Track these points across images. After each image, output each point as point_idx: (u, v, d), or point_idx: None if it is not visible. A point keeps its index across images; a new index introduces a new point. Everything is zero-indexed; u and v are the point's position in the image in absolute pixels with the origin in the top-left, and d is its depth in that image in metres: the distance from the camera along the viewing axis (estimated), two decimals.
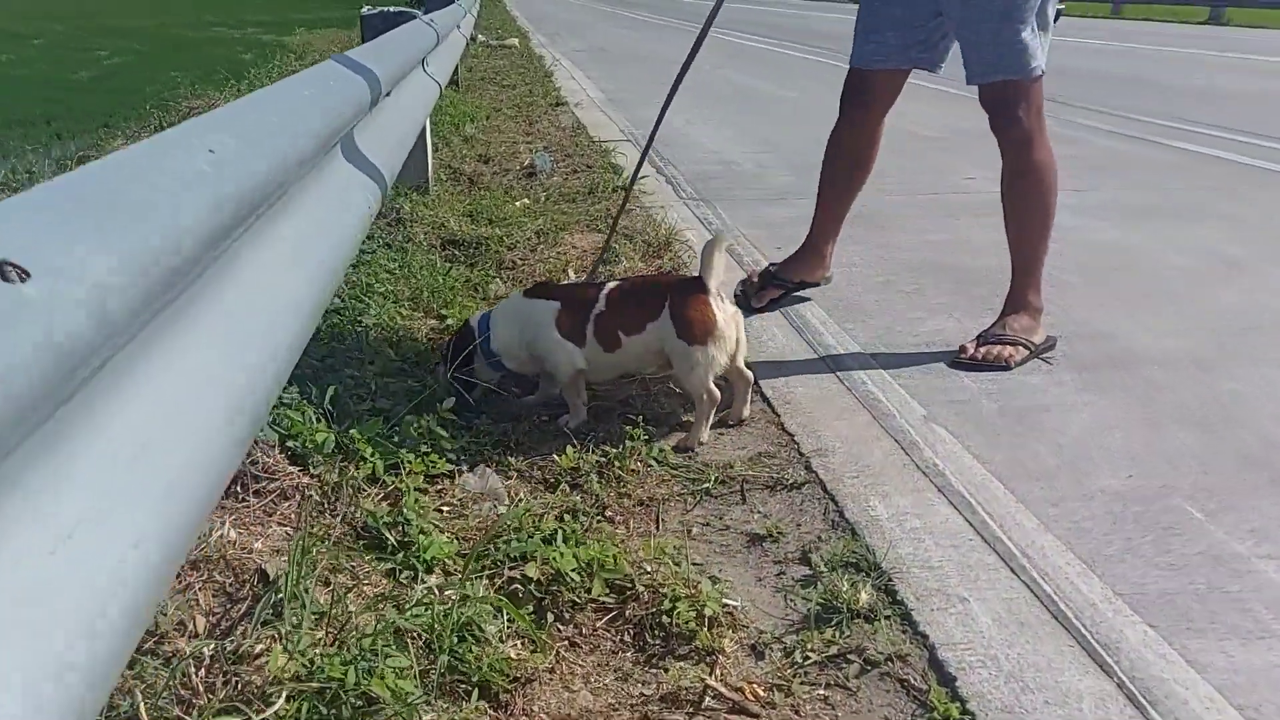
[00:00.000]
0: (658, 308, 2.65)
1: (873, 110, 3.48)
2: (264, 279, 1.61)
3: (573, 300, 2.75)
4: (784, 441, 2.66)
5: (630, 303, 2.70)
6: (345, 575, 1.95)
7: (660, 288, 2.72)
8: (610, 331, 2.70)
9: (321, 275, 1.86)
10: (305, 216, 1.98)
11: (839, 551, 2.14)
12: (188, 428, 1.10)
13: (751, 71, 12.13)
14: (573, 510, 2.29)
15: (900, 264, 4.23)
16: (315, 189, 2.14)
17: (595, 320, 2.70)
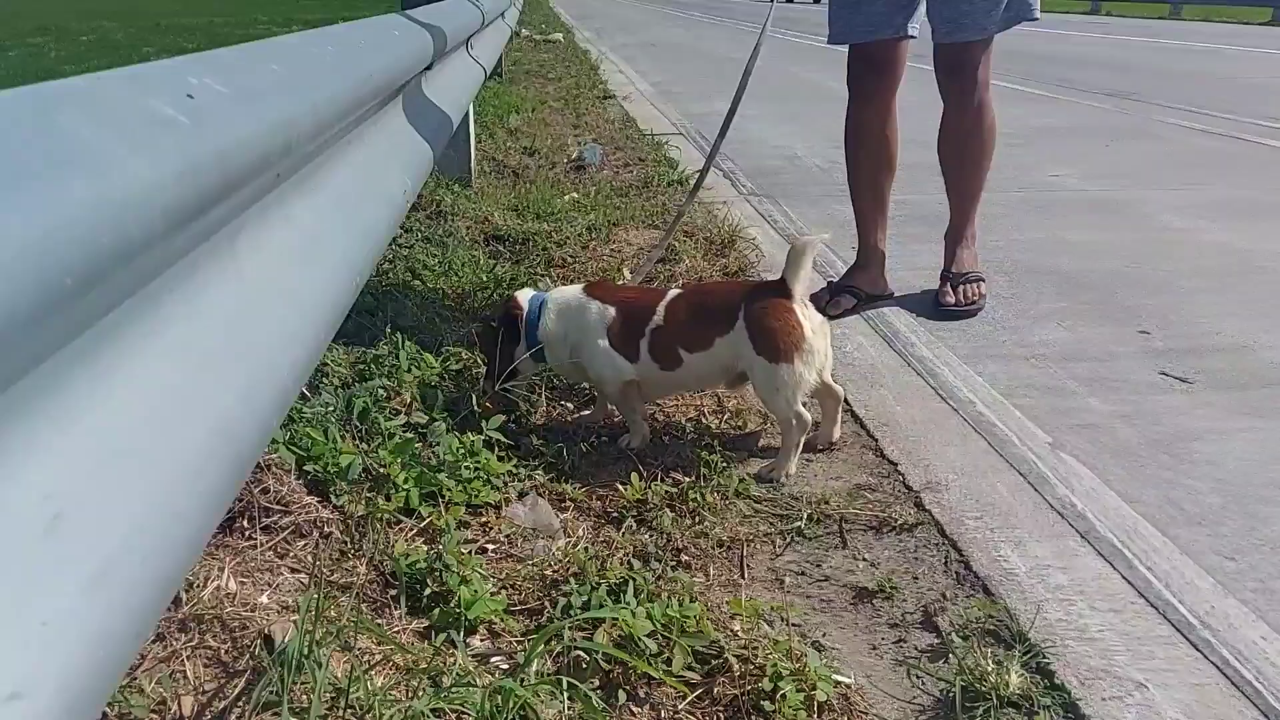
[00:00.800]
0: (729, 319, 2.26)
1: (885, 83, 3.32)
2: (267, 275, 1.24)
3: (629, 308, 2.37)
4: (886, 471, 2.27)
5: (694, 315, 2.32)
6: (370, 639, 1.58)
7: (732, 296, 2.34)
8: (668, 348, 2.32)
9: (343, 271, 1.50)
10: (328, 197, 1.62)
11: (972, 614, 1.74)
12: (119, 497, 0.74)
13: (812, 67, 11.70)
14: (643, 553, 1.91)
15: (992, 266, 3.80)
16: (341, 165, 1.78)
17: (651, 335, 2.32)
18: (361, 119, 2.02)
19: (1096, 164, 5.92)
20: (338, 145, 1.82)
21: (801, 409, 2.23)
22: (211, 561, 1.63)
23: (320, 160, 1.66)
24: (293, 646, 1.39)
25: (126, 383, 0.82)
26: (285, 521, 1.79)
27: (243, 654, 1.47)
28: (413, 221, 3.96)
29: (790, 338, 2.20)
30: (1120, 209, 4.76)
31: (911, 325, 3.16)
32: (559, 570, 1.85)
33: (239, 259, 1.19)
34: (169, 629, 1.47)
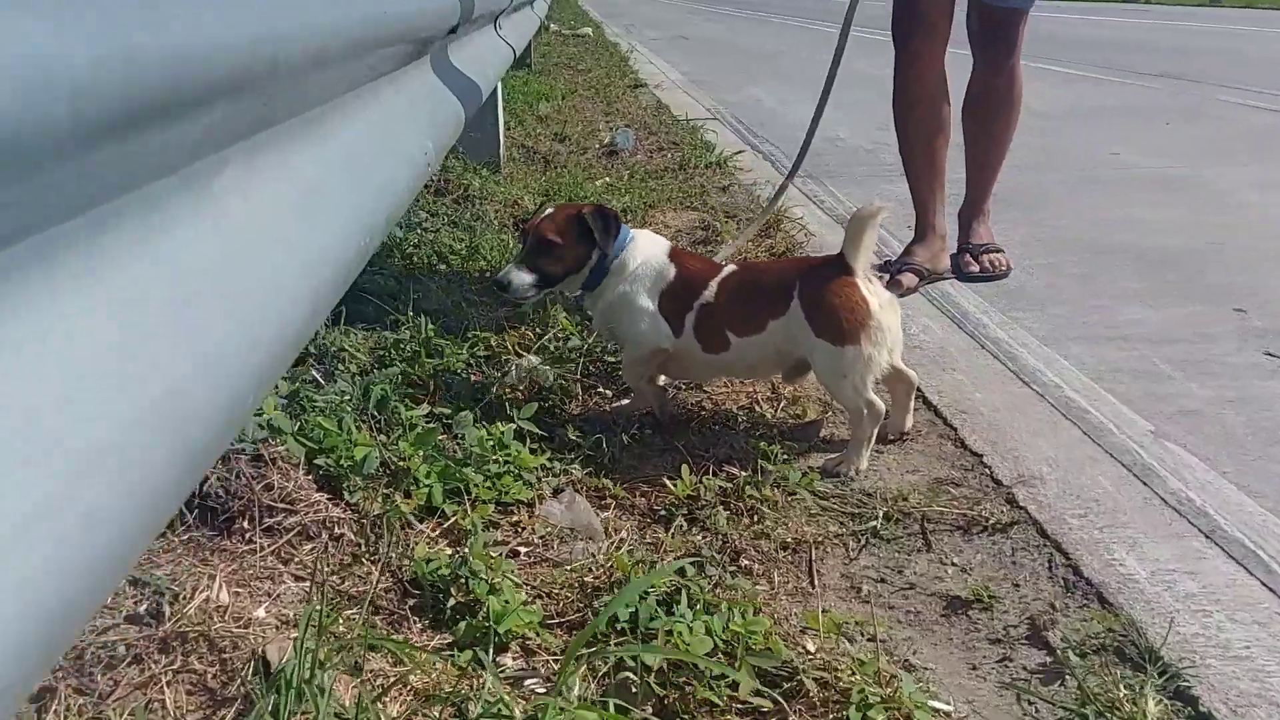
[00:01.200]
0: (782, 299, 2.01)
1: (934, 39, 3.10)
2: (257, 222, 1.01)
3: (684, 277, 2.12)
4: (969, 464, 2.00)
5: (744, 294, 2.07)
6: (384, 659, 1.35)
7: (785, 273, 2.08)
8: (715, 329, 2.07)
9: (352, 228, 1.27)
10: (336, 150, 1.39)
11: (1089, 628, 1.48)
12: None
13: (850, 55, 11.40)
14: (696, 558, 1.67)
15: (1060, 245, 3.53)
16: (354, 120, 1.55)
17: (699, 310, 2.08)
18: (378, 71, 1.79)
19: (1157, 142, 5.60)
20: (349, 98, 1.59)
21: (873, 396, 1.97)
22: (201, 569, 1.40)
23: (326, 109, 1.43)
24: (290, 668, 1.15)
25: (32, 344, 0.59)
26: (290, 522, 1.56)
27: (233, 679, 1.24)
28: (439, 206, 3.74)
29: (854, 316, 1.94)
30: (1191, 186, 4.46)
31: (981, 306, 2.89)
32: (601, 576, 1.61)
33: (219, 201, 0.95)
34: (147, 650, 1.24)
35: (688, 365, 2.17)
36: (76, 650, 1.24)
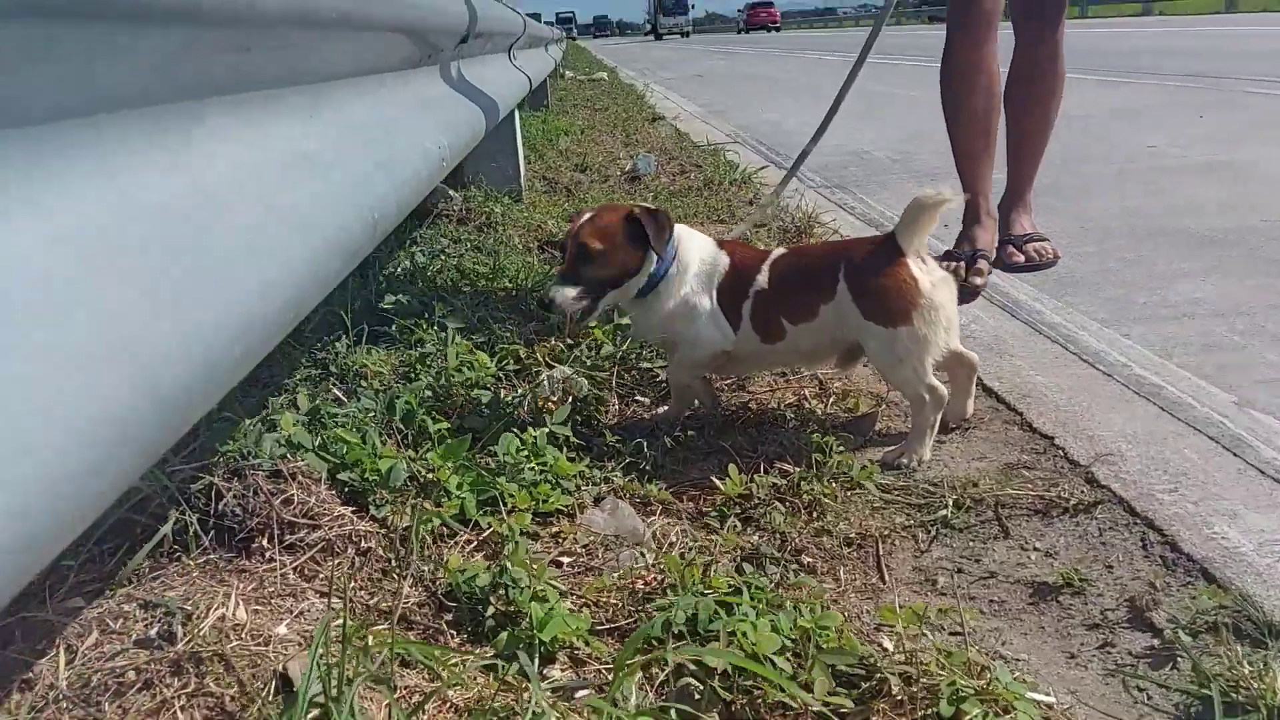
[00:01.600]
0: (830, 282, 1.87)
1: (991, 16, 2.96)
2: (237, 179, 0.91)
3: (736, 267, 1.98)
4: (1040, 447, 1.86)
5: (795, 278, 1.93)
6: (419, 674, 1.22)
7: (831, 255, 1.94)
8: (770, 317, 1.93)
9: (356, 198, 1.16)
10: (340, 124, 1.30)
11: (1198, 606, 1.33)
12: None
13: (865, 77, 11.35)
14: (755, 556, 1.53)
15: (1107, 232, 3.39)
16: (359, 100, 1.46)
17: (755, 299, 1.94)
18: (384, 63, 1.71)
19: (1193, 134, 5.45)
20: (355, 82, 1.51)
21: (934, 381, 1.83)
22: (216, 589, 1.28)
23: (328, 88, 1.34)
24: (308, 684, 1.03)
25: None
26: (313, 538, 1.44)
27: (253, 700, 1.11)
28: (461, 233, 3.66)
29: (904, 295, 1.80)
30: (1234, 169, 4.30)
31: (1033, 294, 2.75)
32: (651, 581, 1.47)
33: (198, 151, 0.85)
34: (158, 673, 1.13)
35: (743, 358, 2.03)
36: (81, 679, 1.12)
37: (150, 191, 0.72)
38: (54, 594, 1.30)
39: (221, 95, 0.89)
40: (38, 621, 1.23)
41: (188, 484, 1.46)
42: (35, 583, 1.34)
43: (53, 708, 1.09)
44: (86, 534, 1.46)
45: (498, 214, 3.96)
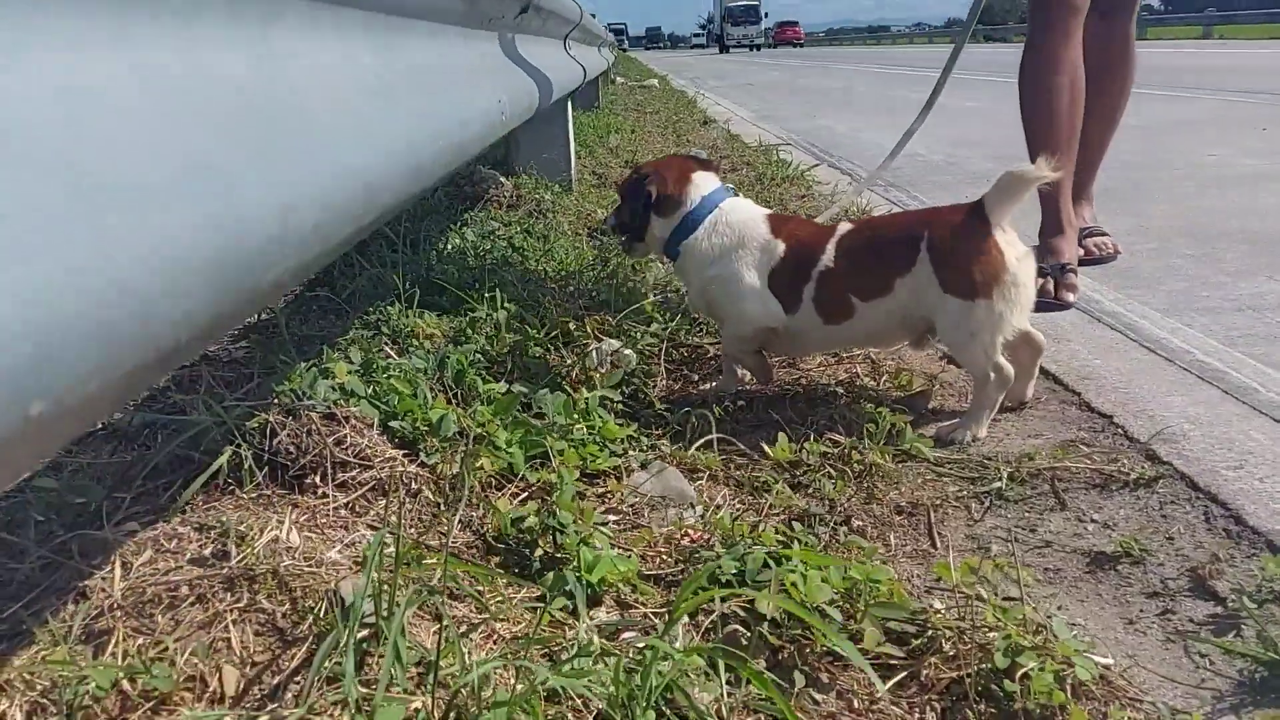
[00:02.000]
0: (909, 253, 1.80)
1: (1079, 11, 2.74)
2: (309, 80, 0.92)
3: (797, 247, 1.92)
4: (1098, 425, 1.82)
5: (868, 252, 1.86)
6: (467, 605, 1.22)
7: (912, 225, 1.86)
8: (838, 296, 1.87)
9: (421, 121, 1.17)
10: (402, 59, 1.31)
11: (1264, 574, 1.29)
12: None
13: (907, 88, 11.28)
14: (805, 516, 1.52)
15: (1168, 232, 3.33)
16: (420, 43, 1.47)
17: (819, 280, 1.88)
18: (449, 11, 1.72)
19: (1253, 145, 5.34)
20: (416, 25, 1.52)
21: (1002, 360, 1.78)
22: (269, 515, 1.29)
23: (396, 19, 1.35)
24: (360, 601, 1.03)
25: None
26: (365, 476, 1.45)
27: (304, 618, 1.12)
28: (512, 217, 3.68)
29: (989, 268, 1.73)
30: None
31: (1091, 285, 2.70)
32: (699, 539, 1.46)
33: (273, 47, 0.86)
34: (211, 589, 1.13)
35: (803, 341, 1.98)
36: (135, 589, 1.13)
37: (232, 67, 0.73)
38: (110, 519, 1.31)
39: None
40: (94, 541, 1.24)
41: (243, 421, 1.48)
42: (90, 508, 1.37)
43: (107, 617, 1.10)
44: (141, 467, 1.48)
45: (548, 201, 3.97)
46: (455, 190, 4.21)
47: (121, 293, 0.49)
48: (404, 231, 3.11)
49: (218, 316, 0.60)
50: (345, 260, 2.87)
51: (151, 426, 1.66)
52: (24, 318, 0.42)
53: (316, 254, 0.77)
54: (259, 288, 0.67)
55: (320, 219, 0.76)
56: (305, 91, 0.87)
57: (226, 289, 0.60)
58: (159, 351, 0.54)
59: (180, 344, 0.56)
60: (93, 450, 1.62)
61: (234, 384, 1.91)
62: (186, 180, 0.57)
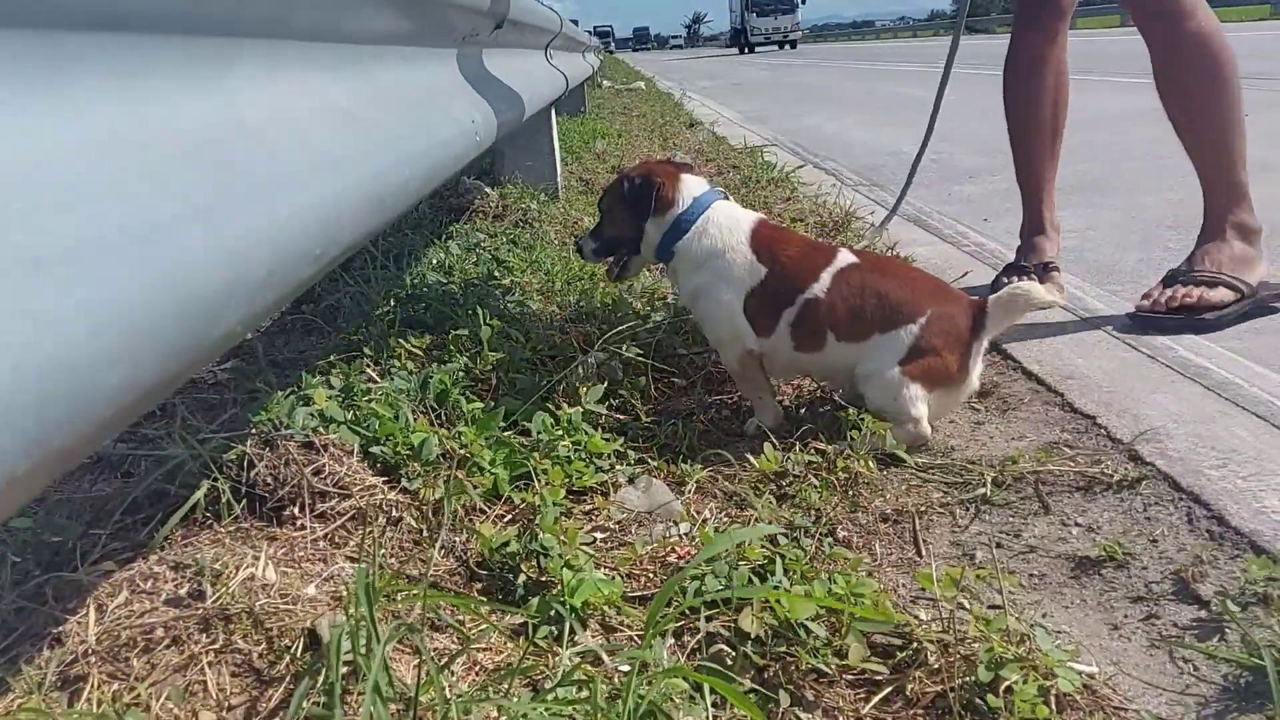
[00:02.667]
0: (903, 319, 1.78)
1: (1066, 7, 2.66)
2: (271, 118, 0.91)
3: (786, 271, 1.87)
4: (1081, 426, 1.82)
5: (863, 299, 1.81)
6: (448, 636, 1.21)
7: (920, 295, 1.81)
8: (815, 329, 1.83)
9: (389, 152, 1.16)
10: (373, 85, 1.30)
11: (1247, 577, 1.29)
12: None
13: (897, 84, 11.30)
14: (790, 528, 1.51)
15: (1152, 223, 3.33)
16: (390, 68, 1.46)
17: (802, 307, 1.84)
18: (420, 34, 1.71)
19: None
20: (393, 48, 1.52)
21: (926, 424, 1.78)
22: (246, 550, 1.28)
23: (365, 48, 1.35)
24: (339, 638, 1.02)
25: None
26: (344, 506, 1.44)
27: (281, 657, 1.11)
28: (498, 228, 3.67)
29: (948, 374, 1.77)
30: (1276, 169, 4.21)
31: (1074, 283, 2.70)
32: (685, 554, 1.46)
33: (231, 89, 0.85)
34: (186, 630, 1.13)
35: (771, 363, 1.94)
36: (110, 635, 1.13)
37: (184, 116, 0.72)
38: (86, 559, 1.30)
39: (248, 37, 0.89)
40: (69, 583, 1.23)
41: (220, 453, 1.47)
42: (66, 546, 1.36)
43: (81, 662, 1.10)
44: (119, 502, 1.47)
45: (534, 210, 3.97)
46: (440, 202, 4.20)
47: (56, 367, 0.48)
48: (387, 246, 3.10)
49: (163, 378, 0.59)
50: (328, 276, 2.87)
51: (133, 456, 1.66)
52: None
53: (273, 300, 0.76)
54: (209, 342, 0.66)
55: (275, 265, 0.75)
56: (263, 132, 0.86)
57: (172, 348, 0.59)
58: (99, 421, 0.53)
59: (123, 409, 0.56)
60: (74, 482, 1.61)
61: (215, 409, 1.90)
62: (127, 241, 0.56)
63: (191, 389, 2.06)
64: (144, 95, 0.69)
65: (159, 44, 0.74)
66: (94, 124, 0.61)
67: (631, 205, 1.94)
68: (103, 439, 0.56)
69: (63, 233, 0.52)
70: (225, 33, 0.87)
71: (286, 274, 0.77)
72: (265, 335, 2.49)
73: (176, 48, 0.77)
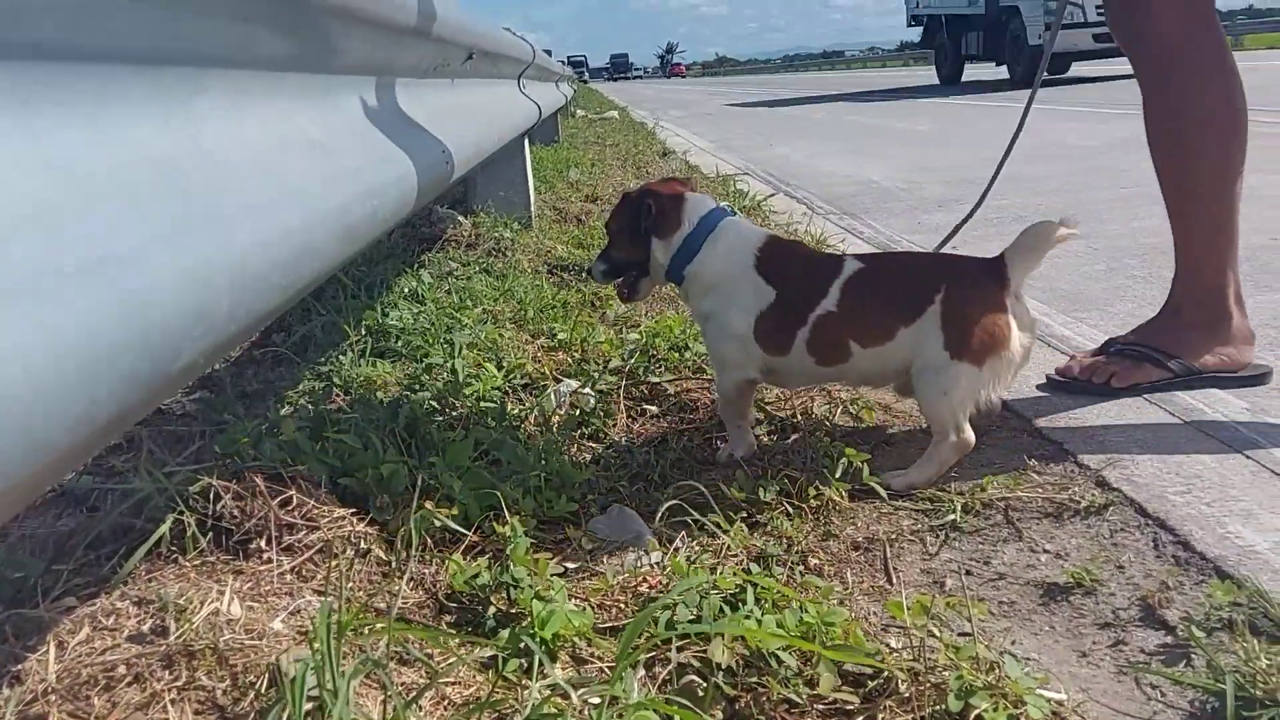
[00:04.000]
0: (920, 302, 1.72)
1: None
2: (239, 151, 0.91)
3: (794, 291, 1.82)
4: (1049, 452, 1.83)
5: (876, 295, 1.78)
6: (415, 671, 1.20)
7: (930, 273, 1.77)
8: (835, 339, 1.79)
9: (357, 183, 1.16)
10: (341, 117, 1.30)
11: (1212, 603, 1.30)
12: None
13: (869, 114, 11.44)
14: (762, 557, 1.51)
15: (1118, 251, 3.38)
16: (358, 97, 1.47)
17: (815, 323, 1.79)
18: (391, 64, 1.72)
19: None
20: (357, 81, 1.52)
21: (967, 426, 1.72)
22: (210, 584, 1.27)
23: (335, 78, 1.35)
24: (304, 674, 1.01)
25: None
26: (312, 539, 1.43)
27: (245, 693, 1.09)
28: (470, 257, 3.67)
29: (992, 338, 1.68)
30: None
31: (1042, 310, 2.73)
32: (656, 584, 1.45)
33: (196, 117, 0.85)
34: (149, 667, 1.11)
35: (789, 377, 1.92)
36: (71, 673, 1.11)
37: (147, 145, 0.72)
38: (48, 595, 1.28)
39: (216, 68, 0.89)
40: (29, 620, 1.21)
41: (186, 486, 1.45)
42: (29, 583, 1.33)
43: (41, 702, 1.08)
44: (82, 536, 1.45)
45: (507, 239, 3.97)
46: (412, 232, 4.20)
47: (11, 398, 0.48)
48: (359, 276, 3.10)
49: (122, 409, 0.59)
50: (300, 306, 2.85)
51: (99, 490, 1.64)
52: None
53: (236, 330, 0.76)
54: (170, 373, 0.65)
55: (238, 295, 0.75)
56: (229, 161, 0.86)
57: (132, 378, 0.59)
58: (56, 453, 0.53)
59: (81, 441, 0.55)
60: (37, 517, 1.59)
61: (183, 441, 1.89)
62: (86, 270, 0.56)
63: (159, 421, 2.04)
64: (106, 124, 0.69)
65: (123, 73, 0.74)
66: (54, 152, 0.60)
67: (634, 226, 1.90)
68: (60, 473, 0.55)
69: (20, 261, 0.52)
70: (192, 62, 0.87)
71: (251, 304, 0.77)
72: (234, 366, 2.48)
73: (142, 77, 0.77)
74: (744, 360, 1.86)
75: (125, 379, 0.58)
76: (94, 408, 0.55)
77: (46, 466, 0.52)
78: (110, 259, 0.59)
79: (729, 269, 1.86)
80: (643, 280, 1.97)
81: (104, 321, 0.57)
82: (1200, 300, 2.08)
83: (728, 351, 1.87)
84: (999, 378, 1.70)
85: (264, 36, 0.99)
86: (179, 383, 0.69)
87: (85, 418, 0.55)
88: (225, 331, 0.73)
